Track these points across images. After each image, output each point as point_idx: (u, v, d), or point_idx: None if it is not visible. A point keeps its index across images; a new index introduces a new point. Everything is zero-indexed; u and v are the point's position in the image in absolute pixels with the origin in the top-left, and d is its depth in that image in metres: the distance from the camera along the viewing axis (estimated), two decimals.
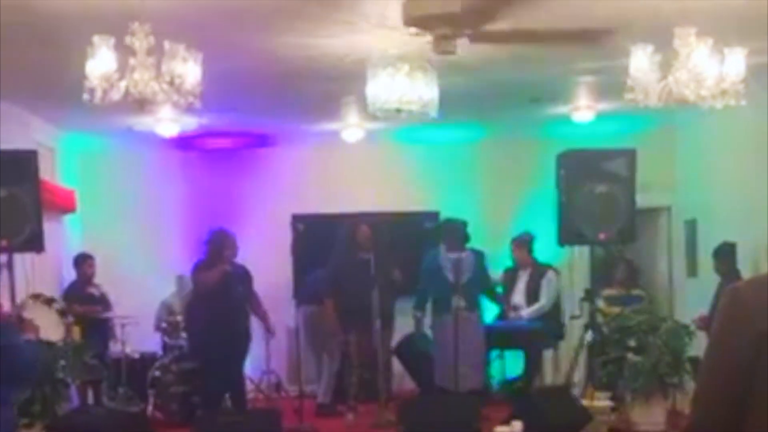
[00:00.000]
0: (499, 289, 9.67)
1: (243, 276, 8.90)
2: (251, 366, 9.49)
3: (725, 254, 8.36)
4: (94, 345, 8.60)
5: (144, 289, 10.16)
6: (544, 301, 9.49)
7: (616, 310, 8.31)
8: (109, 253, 10.21)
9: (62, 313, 7.77)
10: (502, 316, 9.52)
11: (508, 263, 9.99)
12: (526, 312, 9.45)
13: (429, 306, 9.04)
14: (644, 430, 7.44)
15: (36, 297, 7.63)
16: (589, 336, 7.88)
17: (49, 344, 7.14)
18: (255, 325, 9.19)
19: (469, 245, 8.87)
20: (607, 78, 7.67)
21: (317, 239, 9.05)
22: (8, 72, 6.99)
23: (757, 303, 1.83)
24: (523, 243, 9.64)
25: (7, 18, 5.74)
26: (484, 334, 8.90)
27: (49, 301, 7.74)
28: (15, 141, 8.20)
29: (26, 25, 6.05)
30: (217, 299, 8.61)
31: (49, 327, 7.30)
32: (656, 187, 10.20)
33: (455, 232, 8.83)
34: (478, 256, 8.95)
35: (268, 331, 9.19)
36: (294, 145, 11.06)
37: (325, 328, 9.25)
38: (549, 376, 9.54)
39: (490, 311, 9.55)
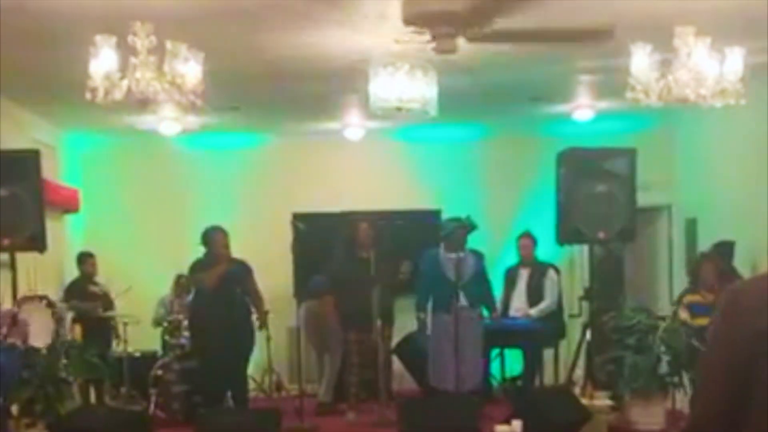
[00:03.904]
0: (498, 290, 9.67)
1: (242, 272, 8.92)
2: (252, 365, 9.50)
3: (722, 253, 8.35)
4: (95, 344, 8.62)
5: (146, 288, 10.17)
6: (549, 300, 9.52)
7: (703, 321, 7.18)
8: (111, 252, 10.23)
9: (58, 320, 7.74)
10: (495, 315, 9.46)
11: (509, 262, 10.01)
12: (534, 311, 9.47)
13: (429, 306, 9.04)
14: (644, 430, 7.44)
15: (40, 298, 7.62)
16: (588, 335, 7.89)
17: (35, 350, 7.10)
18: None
19: (468, 245, 8.87)
20: (608, 77, 7.68)
21: (318, 238, 9.05)
22: (9, 71, 7.01)
23: (756, 303, 1.83)
24: (532, 240, 9.71)
25: (8, 18, 5.76)
26: (483, 334, 8.91)
27: (50, 304, 7.72)
28: (16, 140, 8.22)
29: (27, 24, 6.06)
30: (218, 299, 8.65)
31: (39, 330, 7.27)
32: (656, 186, 10.21)
33: (459, 231, 8.82)
34: (479, 257, 8.96)
35: (260, 322, 9.10)
36: (295, 143, 11.08)
37: (325, 324, 9.27)
38: (549, 375, 9.55)
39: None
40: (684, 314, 7.76)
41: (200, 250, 8.95)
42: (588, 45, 6.72)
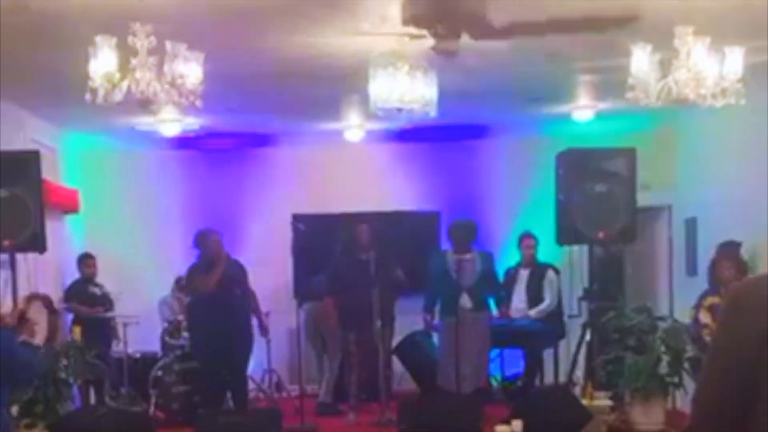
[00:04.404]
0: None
1: (239, 273, 8.93)
2: (252, 365, 9.51)
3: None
4: (95, 344, 8.62)
5: (146, 288, 10.18)
6: (548, 300, 9.54)
7: None
8: (112, 253, 10.23)
9: (52, 313, 7.70)
10: (502, 311, 9.48)
11: (509, 262, 10.01)
12: (534, 312, 9.48)
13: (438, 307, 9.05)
14: (644, 430, 7.44)
15: (36, 297, 7.59)
16: (588, 335, 7.89)
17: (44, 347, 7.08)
18: (256, 323, 9.22)
19: (478, 246, 8.90)
20: (607, 77, 7.68)
21: (318, 239, 9.07)
22: (9, 72, 7.00)
23: (758, 303, 1.84)
24: (534, 240, 9.74)
25: (7, 18, 5.75)
26: (490, 335, 8.91)
27: (48, 302, 7.70)
28: (16, 141, 8.22)
29: (26, 25, 6.06)
30: (217, 299, 8.66)
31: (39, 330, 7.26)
32: (656, 186, 10.21)
33: (461, 233, 8.83)
34: (486, 257, 8.96)
35: (262, 329, 9.21)
36: (294, 144, 11.08)
37: (325, 325, 9.27)
38: (549, 376, 9.55)
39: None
40: (706, 318, 7.52)
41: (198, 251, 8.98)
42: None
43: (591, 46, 7.01)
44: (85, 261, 9.90)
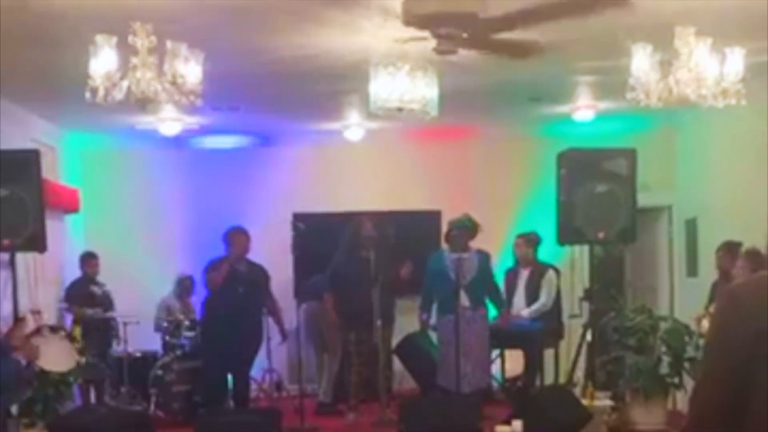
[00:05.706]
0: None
1: (256, 276, 8.95)
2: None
3: (732, 251, 8.30)
4: (96, 344, 8.63)
5: (146, 288, 10.17)
6: (543, 299, 9.50)
7: None
8: (112, 253, 10.22)
9: (72, 339, 7.75)
10: (505, 315, 9.46)
11: (509, 262, 10.00)
12: (526, 311, 9.46)
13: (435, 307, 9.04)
14: (644, 430, 7.45)
15: (54, 330, 7.58)
16: (588, 336, 7.88)
17: (43, 372, 7.07)
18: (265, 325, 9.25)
19: (475, 246, 8.89)
20: (608, 77, 7.68)
21: (318, 238, 9.05)
22: (9, 71, 7.01)
23: (755, 303, 1.83)
24: (530, 241, 9.66)
25: (8, 18, 5.76)
26: (489, 333, 8.89)
27: (69, 337, 7.70)
28: (16, 140, 8.22)
29: (26, 24, 6.07)
30: (223, 298, 8.70)
31: (60, 356, 7.28)
32: (657, 187, 10.21)
33: (459, 231, 8.83)
34: (483, 256, 8.95)
35: (282, 334, 9.31)
36: (295, 144, 11.08)
37: (325, 324, 9.27)
38: (549, 376, 9.54)
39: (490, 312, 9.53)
40: None
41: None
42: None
43: (591, 46, 7.01)
44: (88, 260, 9.89)
